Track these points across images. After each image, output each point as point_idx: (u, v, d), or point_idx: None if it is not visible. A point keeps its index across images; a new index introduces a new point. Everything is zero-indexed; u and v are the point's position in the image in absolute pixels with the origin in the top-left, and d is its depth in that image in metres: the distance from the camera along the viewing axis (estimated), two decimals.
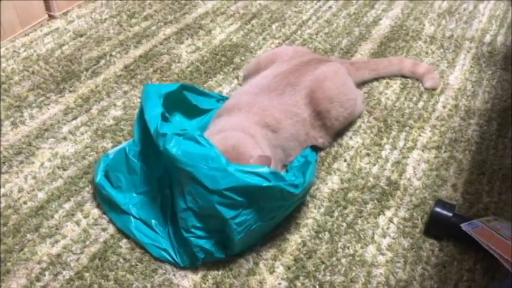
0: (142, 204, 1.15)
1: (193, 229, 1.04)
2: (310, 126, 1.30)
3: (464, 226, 1.09)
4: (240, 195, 0.99)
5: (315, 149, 1.33)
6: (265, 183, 0.99)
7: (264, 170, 1.00)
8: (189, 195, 1.02)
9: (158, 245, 1.10)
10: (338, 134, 1.41)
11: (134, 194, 1.16)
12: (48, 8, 1.88)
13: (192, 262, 1.08)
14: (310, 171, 1.16)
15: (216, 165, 0.98)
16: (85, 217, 1.18)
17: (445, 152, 1.38)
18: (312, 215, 1.20)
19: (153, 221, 1.12)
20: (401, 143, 1.40)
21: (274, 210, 1.06)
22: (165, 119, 1.11)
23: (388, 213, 1.21)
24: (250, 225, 1.03)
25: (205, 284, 1.05)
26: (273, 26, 1.90)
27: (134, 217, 1.13)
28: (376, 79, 1.62)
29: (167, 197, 1.14)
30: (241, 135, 1.14)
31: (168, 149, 1.01)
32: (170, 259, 1.08)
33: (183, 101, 1.30)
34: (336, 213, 1.20)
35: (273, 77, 1.33)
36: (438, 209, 1.14)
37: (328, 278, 1.07)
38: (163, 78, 1.61)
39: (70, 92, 1.54)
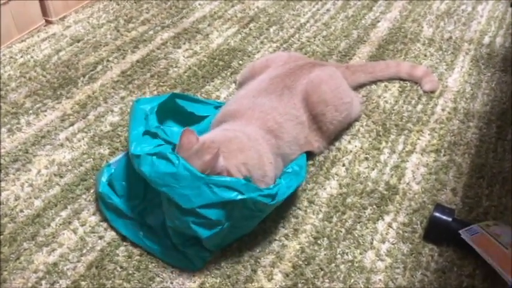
0: (150, 211, 1.15)
1: (179, 245, 1.07)
2: (308, 129, 1.30)
3: (463, 233, 1.08)
4: (214, 212, 0.99)
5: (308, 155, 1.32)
6: (239, 197, 0.99)
7: (237, 181, 1.00)
8: (167, 214, 1.05)
9: (170, 252, 1.09)
10: (336, 138, 1.40)
11: (141, 202, 1.16)
12: (45, 13, 1.88)
13: (204, 262, 1.09)
14: (295, 184, 1.15)
15: (187, 184, 0.98)
16: (82, 225, 1.17)
17: (444, 155, 1.37)
18: (311, 221, 1.19)
19: (161, 228, 1.12)
20: (400, 147, 1.39)
21: (245, 218, 1.06)
22: (153, 135, 1.11)
23: (387, 218, 1.20)
24: (221, 235, 1.04)
25: None
26: (271, 30, 1.90)
27: (142, 224, 1.13)
28: (374, 82, 1.61)
29: None
30: (237, 135, 1.13)
31: (142, 171, 1.02)
32: (183, 265, 1.08)
33: (177, 110, 1.30)
34: (334, 219, 1.20)
35: (269, 80, 1.32)
36: (437, 214, 1.13)
37: (327, 285, 1.06)
38: (161, 84, 1.60)
39: (67, 98, 1.54)
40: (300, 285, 1.06)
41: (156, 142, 1.08)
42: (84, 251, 1.12)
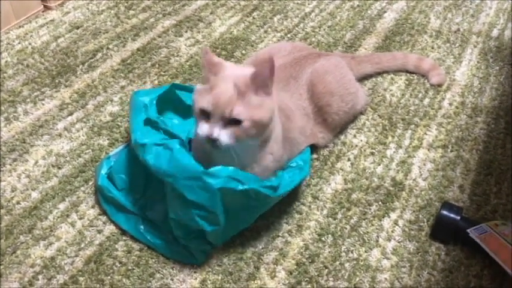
0: (151, 205, 1.12)
1: (180, 238, 1.05)
2: (313, 121, 1.27)
3: (471, 232, 1.06)
4: (217, 203, 0.97)
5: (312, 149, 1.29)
6: (240, 187, 0.97)
7: (240, 172, 0.99)
8: (171, 206, 1.01)
9: (171, 246, 1.07)
10: (341, 131, 1.37)
11: (141, 195, 1.13)
12: None
13: (205, 256, 1.07)
14: (298, 179, 1.12)
15: (190, 175, 0.96)
16: (80, 218, 1.14)
17: (451, 151, 1.34)
18: (315, 217, 1.16)
19: (162, 222, 1.09)
20: (406, 142, 1.36)
21: (245, 209, 1.04)
22: (154, 124, 1.08)
23: (393, 216, 1.17)
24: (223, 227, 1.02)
25: None
26: (275, 19, 1.85)
27: (143, 219, 1.10)
28: (381, 74, 1.57)
29: None
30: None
31: (146, 160, 1.00)
32: (185, 259, 1.06)
33: (176, 101, 1.27)
34: (339, 215, 1.17)
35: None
36: (445, 212, 1.11)
37: (331, 283, 1.04)
38: (162, 73, 1.56)
39: (66, 86, 1.50)
40: (303, 283, 1.04)
41: (160, 136, 1.05)
42: (82, 245, 1.09)
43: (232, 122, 0.97)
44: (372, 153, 1.32)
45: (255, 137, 1.01)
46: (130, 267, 1.05)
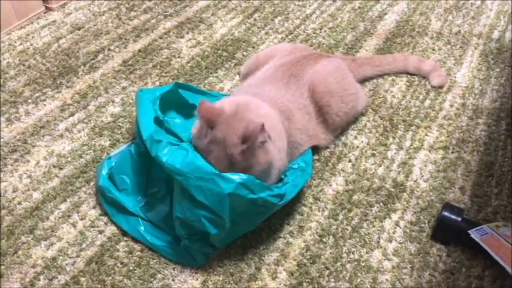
0: (151, 206, 1.12)
1: (183, 238, 1.04)
2: (315, 121, 1.27)
3: (472, 233, 1.05)
4: (225, 207, 0.96)
5: (313, 150, 1.29)
6: (250, 196, 0.97)
7: (252, 180, 0.98)
8: (178, 204, 1.01)
9: (171, 247, 1.06)
10: (342, 132, 1.37)
11: (142, 196, 1.13)
12: None
13: (206, 259, 1.06)
14: (301, 183, 1.12)
15: (201, 175, 0.96)
16: (81, 219, 1.14)
17: (452, 152, 1.34)
18: (316, 218, 1.16)
19: (163, 223, 1.09)
20: (407, 143, 1.36)
21: (251, 214, 1.04)
22: (159, 123, 1.08)
23: (394, 217, 1.17)
24: (227, 230, 1.02)
25: None
26: (276, 20, 1.86)
27: (143, 219, 1.10)
28: (381, 76, 1.58)
29: None
30: (255, 100, 1.12)
31: (159, 156, 0.99)
32: (185, 261, 1.05)
33: (179, 101, 1.26)
34: (340, 217, 1.17)
35: (275, 68, 1.30)
36: (446, 213, 1.11)
37: (332, 284, 1.04)
38: (163, 74, 1.57)
39: (67, 87, 1.50)
40: (304, 284, 1.04)
41: (174, 137, 1.05)
42: (83, 246, 1.09)
43: None
44: (373, 155, 1.32)
45: None
46: (131, 268, 1.05)
